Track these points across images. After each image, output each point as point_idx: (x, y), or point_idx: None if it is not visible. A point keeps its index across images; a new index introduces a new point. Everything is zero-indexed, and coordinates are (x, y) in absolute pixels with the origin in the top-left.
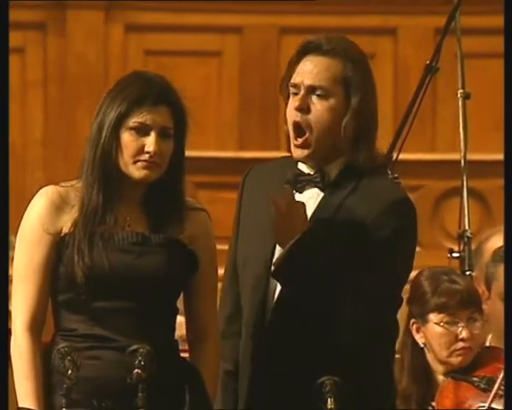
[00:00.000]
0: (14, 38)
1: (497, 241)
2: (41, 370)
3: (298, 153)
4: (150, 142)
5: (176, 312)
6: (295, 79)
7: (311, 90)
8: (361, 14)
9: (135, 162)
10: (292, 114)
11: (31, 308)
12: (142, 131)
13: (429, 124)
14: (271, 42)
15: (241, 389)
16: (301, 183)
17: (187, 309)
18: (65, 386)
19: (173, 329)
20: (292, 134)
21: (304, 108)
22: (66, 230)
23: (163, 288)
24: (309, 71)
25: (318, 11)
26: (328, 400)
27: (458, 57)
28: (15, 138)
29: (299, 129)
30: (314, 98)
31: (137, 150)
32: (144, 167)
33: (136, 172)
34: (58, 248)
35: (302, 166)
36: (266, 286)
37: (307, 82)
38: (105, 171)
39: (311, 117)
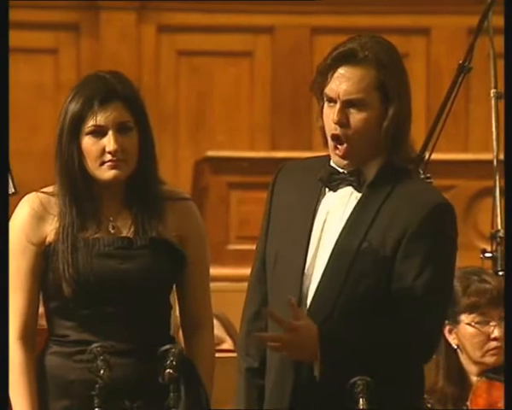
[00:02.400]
0: (47, 39)
1: None
2: (35, 377)
3: (338, 161)
4: (108, 141)
5: (169, 308)
6: (330, 91)
7: (348, 103)
8: (393, 14)
9: (101, 165)
10: (331, 127)
11: (21, 318)
12: (99, 132)
13: (462, 124)
14: (303, 42)
15: (268, 387)
16: (335, 181)
17: (179, 300)
18: (97, 386)
19: (168, 325)
20: (331, 143)
21: (343, 122)
22: (50, 239)
23: (151, 290)
24: (344, 85)
25: (350, 11)
26: (360, 400)
27: (491, 57)
28: (49, 140)
29: (338, 140)
30: (352, 110)
31: (99, 153)
32: (111, 168)
33: (105, 174)
34: (45, 256)
35: (332, 162)
36: (300, 285)
37: (343, 97)
38: (72, 181)
39: (351, 130)
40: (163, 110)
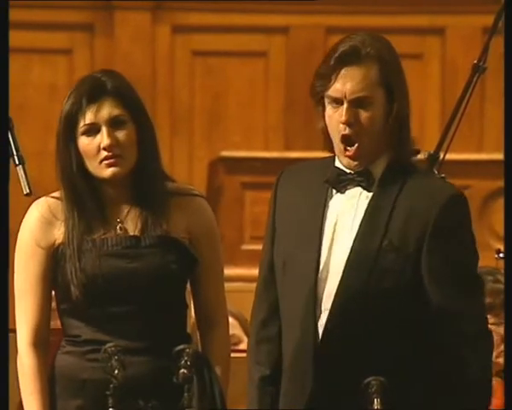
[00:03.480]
0: (62, 40)
1: None
2: (47, 381)
3: (348, 162)
4: (102, 137)
5: (185, 306)
6: (335, 92)
7: (355, 102)
8: (408, 14)
9: (99, 163)
10: (338, 129)
11: (32, 323)
12: (92, 130)
13: (477, 124)
14: (317, 42)
15: (286, 391)
16: (343, 182)
17: (193, 299)
18: (111, 386)
19: (183, 323)
20: (340, 146)
21: (351, 122)
22: (59, 242)
23: (160, 288)
24: (349, 84)
25: (365, 11)
26: (375, 400)
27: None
28: None
29: (348, 141)
30: (358, 109)
31: (95, 151)
32: (109, 165)
33: (104, 172)
34: (55, 259)
35: (338, 163)
36: (315, 285)
37: (350, 96)
38: (72, 185)
39: (359, 128)
40: (177, 110)
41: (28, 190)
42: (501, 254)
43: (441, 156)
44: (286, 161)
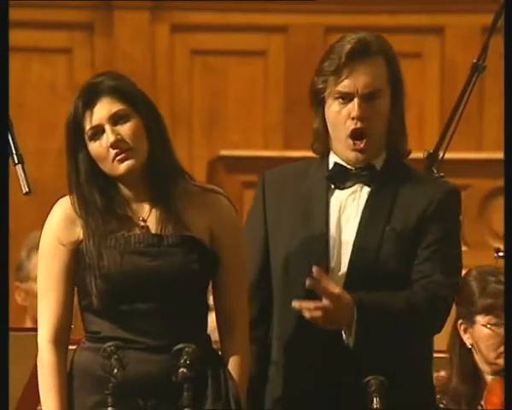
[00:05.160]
0: (62, 39)
1: None
2: (66, 379)
3: (356, 157)
4: (107, 136)
5: (205, 307)
6: (346, 88)
7: (366, 96)
8: (407, 13)
9: (112, 162)
10: (347, 124)
11: (53, 321)
12: (99, 133)
13: (476, 123)
14: (317, 41)
15: (284, 385)
16: (345, 178)
17: (214, 300)
18: (111, 385)
19: (202, 325)
20: (348, 141)
21: (364, 116)
22: (81, 239)
23: (181, 287)
24: (362, 79)
25: (364, 10)
26: (374, 399)
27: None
28: (63, 140)
29: (359, 135)
30: (369, 103)
31: (106, 152)
32: (121, 161)
33: (118, 169)
34: (77, 256)
35: (338, 160)
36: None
37: (363, 91)
38: (81, 194)
39: (369, 123)
40: (177, 109)
41: (27, 189)
42: (500, 253)
43: (440, 155)
44: (286, 160)
